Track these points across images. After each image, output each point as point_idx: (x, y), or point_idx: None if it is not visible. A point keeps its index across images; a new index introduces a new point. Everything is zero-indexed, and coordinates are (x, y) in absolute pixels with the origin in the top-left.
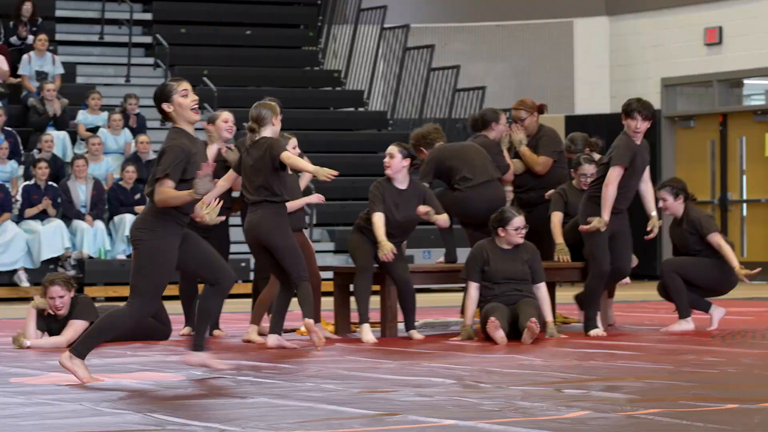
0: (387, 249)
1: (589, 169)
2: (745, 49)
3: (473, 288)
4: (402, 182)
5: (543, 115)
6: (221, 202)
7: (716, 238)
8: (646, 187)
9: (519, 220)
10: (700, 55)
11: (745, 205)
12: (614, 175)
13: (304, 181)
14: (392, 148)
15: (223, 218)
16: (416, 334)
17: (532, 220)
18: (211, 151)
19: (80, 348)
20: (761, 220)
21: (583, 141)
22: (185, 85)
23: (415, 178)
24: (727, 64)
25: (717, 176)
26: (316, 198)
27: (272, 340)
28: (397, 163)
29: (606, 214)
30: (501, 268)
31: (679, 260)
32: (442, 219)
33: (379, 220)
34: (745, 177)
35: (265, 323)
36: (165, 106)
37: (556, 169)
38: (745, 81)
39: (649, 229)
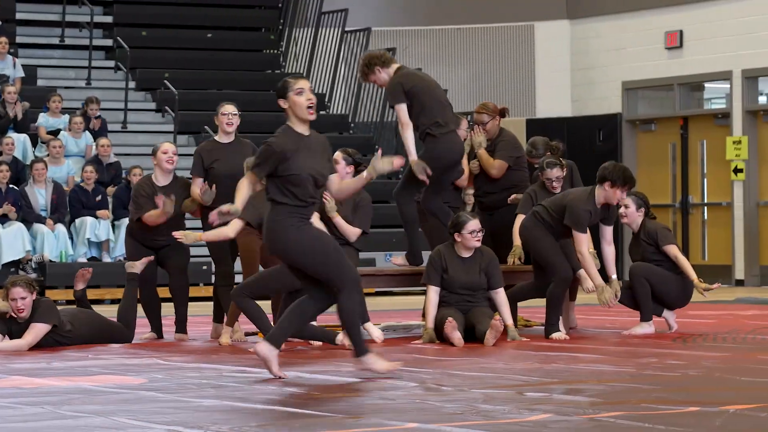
0: None
1: (554, 173)
2: (706, 53)
3: (433, 292)
4: None
5: (504, 119)
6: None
7: (673, 250)
8: (609, 250)
9: (474, 224)
10: (660, 59)
11: (705, 208)
12: (580, 239)
13: None
14: (337, 155)
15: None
16: (373, 329)
17: (492, 224)
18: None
19: (277, 338)
20: (722, 223)
21: (544, 145)
22: (302, 84)
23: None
24: (687, 67)
25: (678, 179)
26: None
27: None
28: (341, 170)
29: (596, 279)
30: (458, 278)
31: (648, 267)
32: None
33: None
34: (705, 180)
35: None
36: (281, 102)
37: (513, 173)
38: (706, 84)
39: (609, 297)
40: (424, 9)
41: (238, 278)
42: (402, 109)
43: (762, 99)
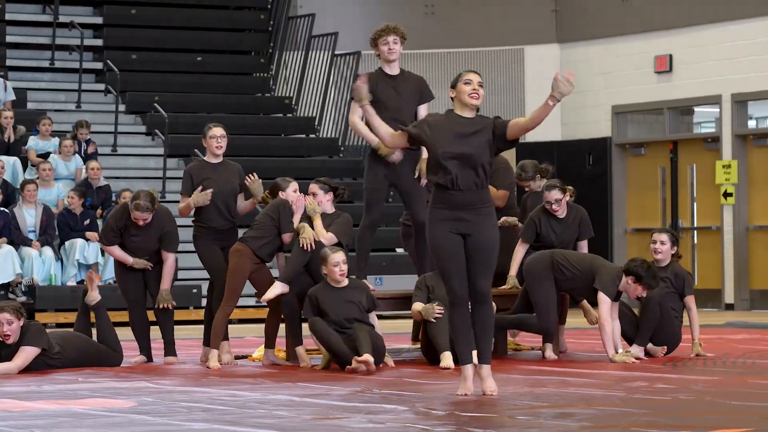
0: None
1: (553, 195)
2: (696, 77)
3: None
4: (330, 210)
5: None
6: None
7: (692, 302)
8: (616, 324)
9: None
10: (650, 83)
11: (695, 232)
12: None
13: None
14: (312, 187)
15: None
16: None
17: None
18: None
19: (487, 355)
20: (712, 248)
21: (533, 168)
22: (471, 76)
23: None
24: (677, 91)
25: (668, 203)
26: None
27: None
28: (321, 199)
29: (610, 350)
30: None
31: (663, 300)
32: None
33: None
34: (695, 204)
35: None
36: (450, 92)
37: (509, 199)
38: (696, 109)
39: (629, 359)
40: (413, 33)
41: (242, 300)
42: None
43: (751, 123)
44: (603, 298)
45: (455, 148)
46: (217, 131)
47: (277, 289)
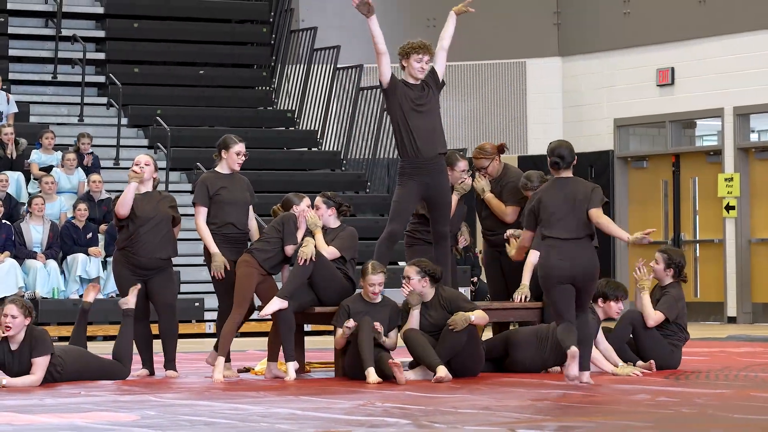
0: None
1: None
2: (698, 90)
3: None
4: (334, 224)
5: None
6: None
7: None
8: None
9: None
10: (652, 96)
11: (697, 245)
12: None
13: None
14: (317, 200)
15: None
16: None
17: (501, 261)
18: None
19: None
20: (714, 260)
21: (539, 178)
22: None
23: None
24: (679, 104)
25: (670, 216)
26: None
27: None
28: (323, 213)
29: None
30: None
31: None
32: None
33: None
34: (697, 217)
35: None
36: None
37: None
38: (698, 122)
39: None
40: None
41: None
42: None
43: (753, 136)
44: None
45: None
46: (242, 147)
47: (275, 304)
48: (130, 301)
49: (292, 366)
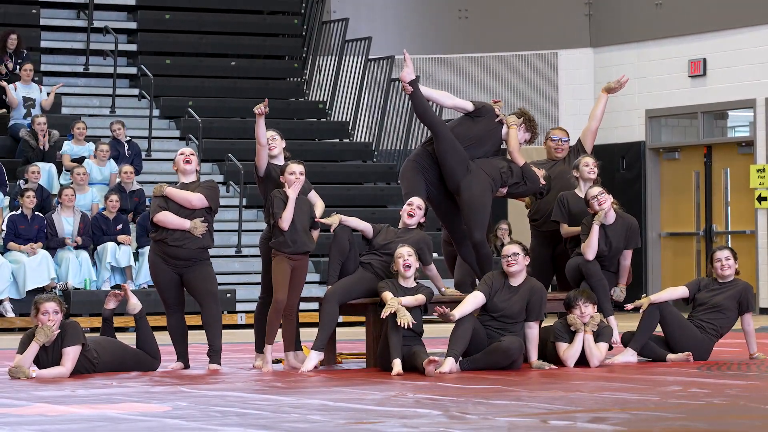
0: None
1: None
2: (730, 81)
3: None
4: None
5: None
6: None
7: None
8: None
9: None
10: (684, 87)
11: (729, 236)
12: None
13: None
14: (418, 201)
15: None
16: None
17: (554, 248)
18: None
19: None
20: (746, 252)
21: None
22: None
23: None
24: (711, 95)
25: (702, 208)
26: None
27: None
28: (420, 214)
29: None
30: (500, 305)
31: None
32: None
33: None
34: (729, 208)
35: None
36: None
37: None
38: (730, 113)
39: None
40: (447, 37)
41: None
42: None
43: None
44: (558, 345)
45: None
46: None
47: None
48: (109, 305)
49: (316, 356)
